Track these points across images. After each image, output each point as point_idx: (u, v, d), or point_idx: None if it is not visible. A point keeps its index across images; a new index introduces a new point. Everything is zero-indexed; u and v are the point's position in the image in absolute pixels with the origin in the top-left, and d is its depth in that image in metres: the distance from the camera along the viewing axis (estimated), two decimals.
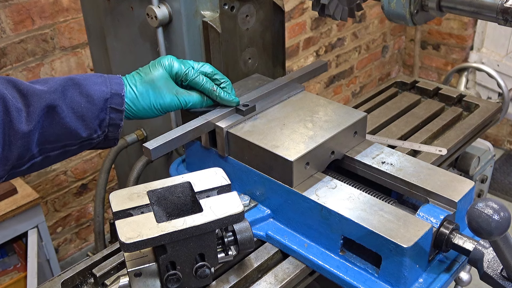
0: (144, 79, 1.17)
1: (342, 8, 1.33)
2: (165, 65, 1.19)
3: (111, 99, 1.11)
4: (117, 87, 1.13)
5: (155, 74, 1.18)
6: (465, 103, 1.75)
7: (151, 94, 1.16)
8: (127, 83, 1.16)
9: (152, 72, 1.18)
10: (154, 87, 1.17)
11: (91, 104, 1.09)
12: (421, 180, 1.17)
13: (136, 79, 1.17)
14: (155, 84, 1.17)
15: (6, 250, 2.54)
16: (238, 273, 1.13)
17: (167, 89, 1.18)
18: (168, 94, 1.18)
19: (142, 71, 1.19)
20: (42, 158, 1.08)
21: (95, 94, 1.09)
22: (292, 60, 3.69)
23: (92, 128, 1.10)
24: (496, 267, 1.00)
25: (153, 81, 1.17)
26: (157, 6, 1.42)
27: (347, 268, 1.11)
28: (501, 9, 1.05)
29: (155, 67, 1.19)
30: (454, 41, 4.21)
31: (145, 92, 1.16)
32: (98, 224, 1.87)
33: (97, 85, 1.11)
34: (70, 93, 1.08)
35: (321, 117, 1.28)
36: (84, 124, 1.09)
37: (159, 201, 1.06)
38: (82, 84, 1.09)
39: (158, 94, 1.17)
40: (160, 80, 1.17)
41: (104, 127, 1.12)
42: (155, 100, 1.17)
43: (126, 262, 1.01)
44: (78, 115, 1.08)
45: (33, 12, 2.43)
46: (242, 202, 1.04)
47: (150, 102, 1.16)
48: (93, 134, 1.11)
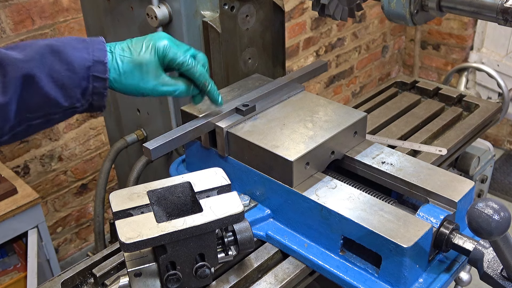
0: (133, 58, 1.10)
1: (342, 8, 1.33)
2: (159, 50, 1.12)
3: (93, 67, 1.04)
4: (99, 54, 1.06)
5: (145, 57, 1.11)
6: (465, 103, 1.75)
7: (136, 76, 1.11)
8: (114, 53, 1.10)
9: (143, 54, 1.11)
10: (140, 70, 1.11)
11: (72, 72, 1.03)
12: (421, 180, 1.17)
13: (124, 55, 1.10)
14: (142, 68, 1.11)
15: (6, 250, 2.54)
16: (238, 273, 1.13)
17: (153, 76, 1.12)
18: (153, 81, 1.12)
19: (133, 47, 1.12)
20: (24, 127, 1.03)
21: (75, 61, 1.03)
22: (292, 60, 3.69)
23: (74, 97, 1.04)
24: (496, 267, 1.00)
25: (141, 64, 1.10)
26: (157, 6, 1.42)
27: (347, 268, 1.11)
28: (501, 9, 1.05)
29: (148, 49, 1.11)
30: (454, 41, 4.21)
31: (130, 72, 1.10)
32: (98, 224, 1.87)
33: (77, 51, 1.04)
34: (49, 60, 1.01)
35: (321, 117, 1.28)
36: (65, 93, 1.03)
37: (159, 201, 1.06)
38: (62, 51, 1.03)
39: (142, 78, 1.11)
40: (148, 65, 1.11)
41: (87, 96, 1.06)
42: (137, 84, 1.11)
43: (126, 262, 1.01)
44: (58, 84, 1.02)
45: (33, 12, 2.43)
46: (242, 202, 1.04)
47: (132, 83, 1.11)
48: (76, 103, 1.05)
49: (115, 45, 1.12)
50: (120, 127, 1.90)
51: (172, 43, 1.14)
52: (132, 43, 1.13)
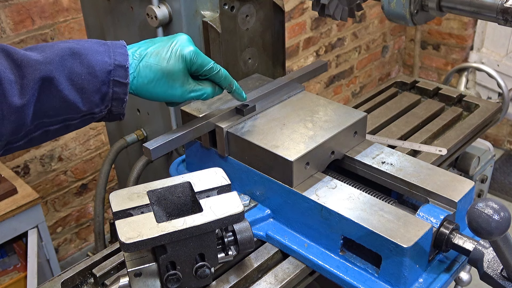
0: (161, 66, 1.07)
1: (342, 8, 1.33)
2: (187, 58, 1.10)
3: (115, 71, 1.01)
4: (121, 58, 1.03)
5: (175, 66, 1.08)
6: (465, 103, 1.75)
7: (163, 84, 1.08)
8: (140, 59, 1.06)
9: (173, 62, 1.08)
10: (169, 78, 1.08)
11: (92, 76, 1.00)
12: (421, 180, 1.17)
13: (151, 62, 1.07)
14: (171, 77, 1.09)
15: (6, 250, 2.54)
16: (238, 273, 1.13)
17: (181, 84, 1.11)
18: (181, 88, 1.11)
19: (160, 54, 1.08)
20: (40, 132, 1.00)
21: (96, 65, 1.00)
22: (292, 60, 3.69)
23: (94, 102, 1.01)
24: (496, 267, 1.00)
25: (171, 72, 1.08)
26: (157, 6, 1.42)
27: (347, 268, 1.11)
28: (501, 9, 1.05)
29: (176, 57, 1.09)
30: (454, 41, 4.21)
31: (158, 80, 1.07)
32: (98, 224, 1.87)
33: (99, 54, 1.01)
34: (69, 63, 0.99)
35: (321, 117, 1.28)
36: (85, 97, 1.00)
37: (159, 201, 1.06)
38: (83, 54, 1.00)
39: (170, 86, 1.09)
40: (178, 74, 1.09)
41: (107, 102, 1.03)
42: (165, 92, 1.09)
43: (126, 262, 1.01)
44: (78, 88, 0.99)
45: (33, 12, 2.43)
46: (242, 202, 1.04)
47: (159, 91, 1.09)
48: (94, 108, 1.02)
49: (138, 48, 1.08)
50: (120, 127, 1.90)
51: (197, 49, 1.12)
52: (157, 48, 1.09)
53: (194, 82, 1.14)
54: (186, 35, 1.13)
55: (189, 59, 1.10)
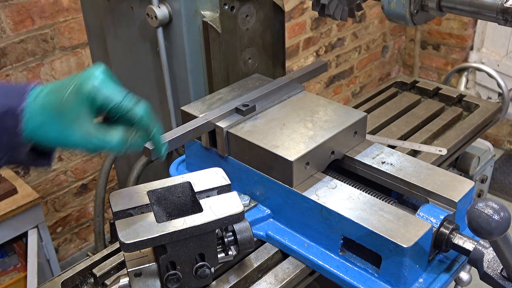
0: (54, 106, 0.89)
1: (342, 8, 1.33)
2: (85, 93, 0.89)
3: (4, 118, 0.87)
4: (13, 102, 0.88)
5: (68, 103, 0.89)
6: (465, 103, 1.75)
7: (57, 126, 0.89)
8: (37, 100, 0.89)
9: (66, 98, 0.89)
10: (62, 119, 0.89)
11: None
12: (421, 180, 1.17)
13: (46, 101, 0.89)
14: (65, 116, 0.89)
15: (6, 250, 2.54)
16: (238, 273, 1.13)
17: (78, 126, 0.90)
18: (78, 133, 0.90)
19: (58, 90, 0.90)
20: None
21: None
22: (292, 60, 3.69)
23: None
24: (496, 267, 1.00)
25: (62, 111, 0.89)
26: (157, 6, 1.42)
27: (347, 268, 1.11)
28: (501, 9, 1.05)
29: (72, 92, 0.89)
30: (454, 41, 4.21)
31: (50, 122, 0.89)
32: (98, 224, 1.88)
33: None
34: None
35: (321, 117, 1.28)
36: None
37: (159, 201, 1.06)
38: None
39: (64, 129, 0.89)
40: (71, 112, 0.89)
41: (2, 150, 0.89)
42: (59, 136, 0.90)
43: (126, 262, 1.01)
44: None
45: (33, 12, 2.43)
46: (242, 202, 1.03)
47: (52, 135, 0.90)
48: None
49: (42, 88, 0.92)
50: None
51: (103, 83, 0.90)
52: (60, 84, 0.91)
53: (97, 128, 0.91)
54: (100, 68, 0.92)
55: (88, 94, 0.89)
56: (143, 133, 0.95)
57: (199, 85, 1.52)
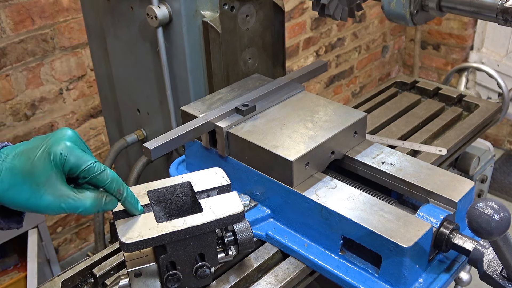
0: (22, 169, 0.88)
1: (342, 8, 1.33)
2: (56, 156, 0.88)
3: None
4: None
5: (37, 166, 0.88)
6: (465, 103, 1.75)
7: (26, 190, 0.88)
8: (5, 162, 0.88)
9: (36, 164, 0.88)
10: (31, 182, 0.88)
11: None
12: (421, 180, 1.17)
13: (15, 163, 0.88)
14: (34, 181, 0.88)
15: (6, 250, 2.54)
16: (238, 273, 1.13)
17: (48, 190, 0.88)
18: (48, 197, 0.88)
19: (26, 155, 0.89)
20: None
21: None
22: (292, 60, 3.69)
23: None
24: (496, 267, 1.00)
25: (31, 174, 0.87)
26: (157, 6, 1.42)
27: (347, 268, 1.11)
28: (501, 9, 1.05)
29: (42, 155, 0.88)
30: (454, 41, 4.21)
31: (18, 185, 0.87)
32: (98, 224, 1.88)
33: None
34: None
35: (321, 117, 1.28)
36: None
37: (159, 201, 1.06)
38: None
39: (34, 193, 0.88)
40: (42, 178, 0.88)
41: None
42: (28, 200, 0.88)
43: (126, 262, 1.01)
44: None
45: (33, 12, 2.43)
46: (242, 202, 1.04)
47: (20, 199, 0.88)
48: None
49: (11, 148, 0.91)
50: (120, 127, 1.90)
51: (73, 145, 0.90)
52: (29, 146, 0.91)
53: (69, 190, 0.90)
54: (70, 131, 0.92)
55: (59, 158, 0.88)
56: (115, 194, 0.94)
57: (199, 85, 1.52)
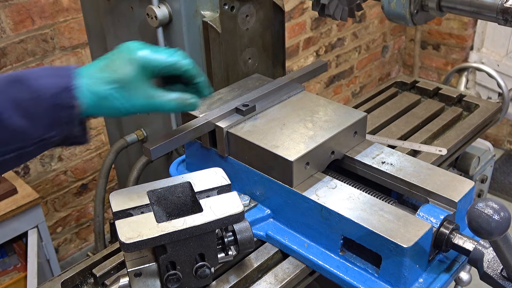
0: (111, 78, 0.98)
1: (342, 8, 1.33)
2: (139, 61, 0.99)
3: (60, 94, 0.94)
4: (66, 80, 0.95)
5: (126, 74, 0.98)
6: (465, 103, 1.75)
7: (118, 97, 0.98)
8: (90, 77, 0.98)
9: (122, 71, 0.98)
10: (122, 89, 0.98)
11: (38, 101, 0.93)
12: (421, 180, 1.17)
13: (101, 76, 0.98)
14: (125, 86, 0.98)
15: (6, 250, 2.54)
16: (238, 273, 1.13)
17: (141, 92, 1.00)
18: (141, 99, 1.00)
19: (108, 67, 0.99)
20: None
21: (41, 90, 0.94)
22: (292, 60, 3.69)
23: (45, 128, 0.95)
24: (496, 267, 1.00)
25: (122, 82, 0.98)
26: (157, 6, 1.42)
27: (347, 268, 1.11)
28: (501, 9, 1.05)
29: (126, 64, 0.99)
30: (454, 41, 4.21)
31: (110, 95, 0.98)
32: (98, 224, 1.87)
33: (43, 78, 0.95)
34: (13, 90, 0.93)
35: (321, 117, 1.28)
36: (34, 124, 0.94)
37: (159, 201, 1.06)
38: (27, 79, 0.95)
39: (127, 98, 0.99)
40: (134, 82, 0.99)
41: (58, 126, 0.96)
42: (122, 105, 0.99)
43: (126, 262, 1.01)
44: (25, 114, 0.93)
45: (33, 12, 2.43)
46: (242, 202, 1.03)
47: (115, 105, 0.99)
48: (46, 134, 0.95)
49: (90, 66, 1.00)
50: (120, 127, 1.90)
51: (148, 48, 1.02)
52: (105, 61, 1.01)
53: (155, 91, 1.03)
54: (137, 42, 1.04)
55: (142, 61, 1.00)
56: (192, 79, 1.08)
57: None
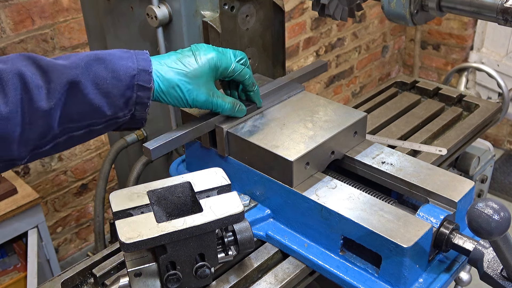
0: (185, 72, 1.11)
1: (342, 8, 1.33)
2: (212, 63, 1.14)
3: (138, 76, 1.04)
4: (144, 63, 1.05)
5: (200, 71, 1.12)
6: (465, 103, 1.75)
7: (186, 89, 1.11)
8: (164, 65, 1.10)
9: (196, 68, 1.12)
10: (191, 83, 1.11)
11: (117, 80, 1.02)
12: (421, 180, 1.17)
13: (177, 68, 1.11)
14: (197, 81, 1.12)
15: (6, 250, 2.54)
16: (238, 273, 1.13)
17: (206, 89, 1.14)
18: (205, 95, 1.14)
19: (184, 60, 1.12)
20: (66, 138, 1.02)
21: (121, 70, 1.02)
22: (292, 60, 3.69)
23: (118, 106, 1.03)
24: (496, 267, 1.00)
25: (196, 77, 1.12)
26: (157, 6, 1.42)
27: (347, 268, 1.11)
28: (501, 9, 1.05)
29: (202, 62, 1.13)
30: (454, 41, 4.21)
31: (180, 85, 1.10)
32: (98, 224, 1.87)
33: (123, 59, 1.04)
34: (94, 68, 1.01)
35: (321, 117, 1.28)
36: (109, 101, 1.02)
37: (159, 201, 1.06)
38: (107, 59, 1.03)
39: (195, 91, 1.12)
40: (202, 78, 1.13)
41: (131, 106, 1.05)
42: (187, 96, 1.12)
43: (126, 262, 1.01)
44: (103, 92, 1.01)
45: (33, 12, 2.43)
46: (242, 202, 1.03)
47: (181, 96, 1.11)
48: (118, 113, 1.04)
49: (163, 57, 1.12)
50: None
51: (219, 53, 1.15)
52: (180, 55, 1.13)
53: (218, 92, 1.17)
54: (209, 45, 1.17)
55: (214, 63, 1.13)
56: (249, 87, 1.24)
57: None
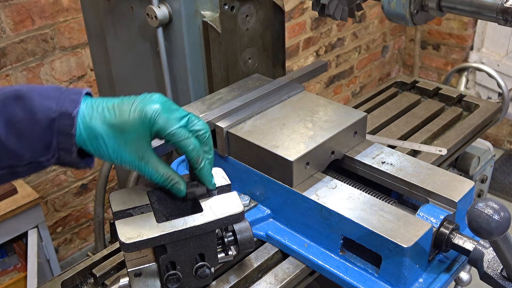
0: (113, 122, 0.92)
1: (342, 8, 1.33)
2: (147, 116, 0.92)
3: (59, 119, 0.90)
4: (69, 105, 0.91)
5: (129, 125, 0.93)
6: (465, 103, 1.75)
7: (109, 143, 0.93)
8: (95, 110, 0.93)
9: (127, 118, 0.92)
10: (120, 138, 0.93)
11: (33, 123, 0.90)
12: (421, 180, 1.17)
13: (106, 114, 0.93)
14: (123, 136, 0.93)
15: (6, 250, 2.54)
16: (238, 273, 1.13)
17: (135, 148, 0.94)
18: (131, 156, 0.94)
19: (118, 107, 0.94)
20: None
21: (39, 111, 0.90)
22: (292, 60, 3.69)
23: (37, 150, 0.92)
24: (496, 267, 1.00)
25: (122, 131, 0.93)
26: (157, 6, 1.42)
27: (347, 268, 1.11)
28: (501, 9, 1.05)
29: (134, 113, 0.93)
30: (454, 41, 4.21)
31: (103, 137, 0.93)
32: (98, 224, 1.87)
33: (46, 99, 0.91)
34: (10, 107, 0.90)
35: (321, 117, 1.28)
36: (26, 145, 0.91)
37: (159, 201, 1.06)
38: (27, 98, 0.91)
39: (119, 147, 0.93)
40: (131, 134, 0.93)
41: (53, 151, 0.92)
42: (109, 153, 0.94)
43: (126, 262, 1.01)
44: (17, 134, 0.90)
45: (33, 12, 2.43)
46: (242, 202, 1.03)
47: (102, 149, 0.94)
48: (39, 157, 0.92)
49: (98, 100, 0.96)
50: None
51: (165, 108, 0.94)
52: (118, 102, 0.95)
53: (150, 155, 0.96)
54: (160, 95, 0.97)
55: (149, 118, 0.92)
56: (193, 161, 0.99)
57: (199, 85, 1.52)
